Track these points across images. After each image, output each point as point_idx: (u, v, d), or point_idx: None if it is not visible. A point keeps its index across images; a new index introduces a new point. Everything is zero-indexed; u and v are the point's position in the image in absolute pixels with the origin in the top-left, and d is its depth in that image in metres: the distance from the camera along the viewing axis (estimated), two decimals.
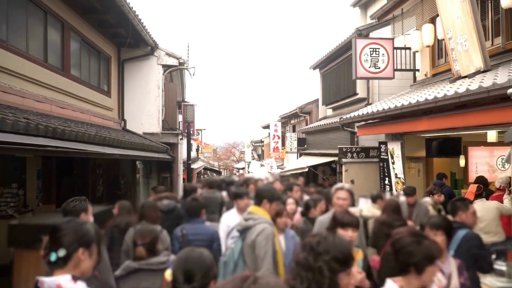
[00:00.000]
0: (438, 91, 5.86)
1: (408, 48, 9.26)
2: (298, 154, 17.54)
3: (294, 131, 20.07)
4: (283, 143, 21.36)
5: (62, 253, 1.67)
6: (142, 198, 10.77)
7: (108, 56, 9.75)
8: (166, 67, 11.25)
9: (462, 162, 8.32)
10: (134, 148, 7.70)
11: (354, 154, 9.86)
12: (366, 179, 9.56)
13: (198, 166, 25.91)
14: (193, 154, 19.30)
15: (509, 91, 4.04)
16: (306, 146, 16.08)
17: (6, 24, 5.54)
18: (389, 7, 8.48)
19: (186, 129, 13.56)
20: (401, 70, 9.42)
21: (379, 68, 9.17)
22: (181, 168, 13.18)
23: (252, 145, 35.43)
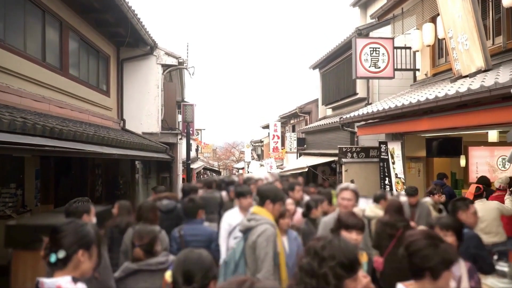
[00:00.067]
0: (439, 91, 5.83)
1: (408, 47, 9.24)
2: (298, 154, 17.52)
3: (294, 131, 20.07)
4: (283, 143, 21.35)
5: (62, 254, 1.67)
6: (141, 198, 10.73)
7: (107, 55, 9.72)
8: (166, 67, 11.23)
9: (463, 162, 8.31)
10: (133, 148, 7.67)
11: (354, 154, 9.85)
12: (366, 179, 9.54)
13: (198, 166, 25.86)
14: (192, 154, 19.24)
15: None
16: (305, 146, 16.06)
17: (3, 23, 5.50)
18: (389, 7, 8.46)
19: (186, 129, 13.53)
20: (401, 69, 9.40)
21: (379, 67, 9.15)
22: (180, 168, 13.15)
23: (251, 145, 35.40)
